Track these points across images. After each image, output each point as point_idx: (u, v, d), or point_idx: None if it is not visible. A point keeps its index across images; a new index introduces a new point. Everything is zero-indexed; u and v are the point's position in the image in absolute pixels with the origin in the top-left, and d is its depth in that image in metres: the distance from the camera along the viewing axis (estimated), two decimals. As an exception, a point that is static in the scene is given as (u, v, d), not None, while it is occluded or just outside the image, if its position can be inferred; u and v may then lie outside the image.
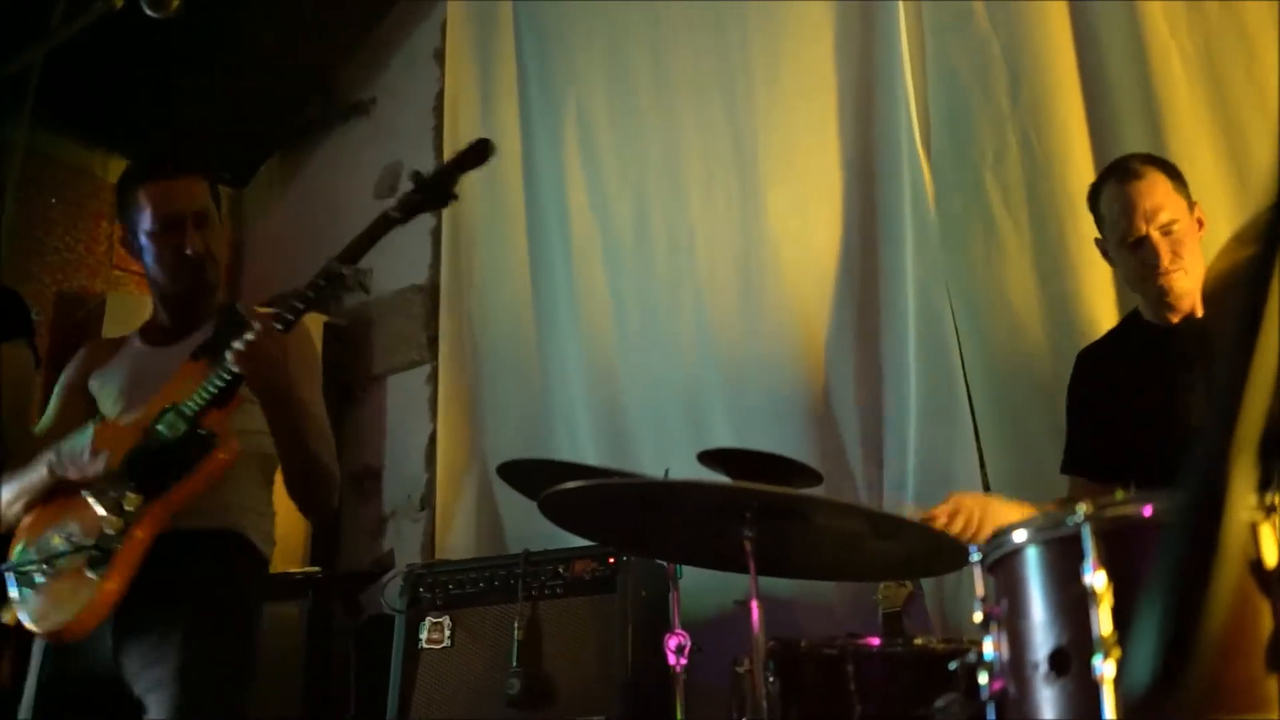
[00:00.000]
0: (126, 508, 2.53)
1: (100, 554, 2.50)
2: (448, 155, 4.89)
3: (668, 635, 2.60)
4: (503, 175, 4.74)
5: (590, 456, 4.17)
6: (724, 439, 3.80)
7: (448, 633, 3.58)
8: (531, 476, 2.89)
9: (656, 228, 4.37)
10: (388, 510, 4.81)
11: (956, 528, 2.58)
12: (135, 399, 2.74)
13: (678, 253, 4.31)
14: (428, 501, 4.67)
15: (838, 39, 4.11)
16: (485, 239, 4.80)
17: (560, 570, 3.51)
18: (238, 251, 5.52)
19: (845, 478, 3.82)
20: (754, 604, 2.27)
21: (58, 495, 2.67)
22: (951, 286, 3.71)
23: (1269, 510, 1.58)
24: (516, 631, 3.43)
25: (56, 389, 2.94)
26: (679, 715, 2.62)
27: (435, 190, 2.69)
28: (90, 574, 2.50)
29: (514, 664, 3.39)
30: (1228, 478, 0.63)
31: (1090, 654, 1.56)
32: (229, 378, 2.55)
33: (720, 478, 2.78)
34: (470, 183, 4.79)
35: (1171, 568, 0.63)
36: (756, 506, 2.20)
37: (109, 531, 2.52)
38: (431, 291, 4.90)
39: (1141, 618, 0.63)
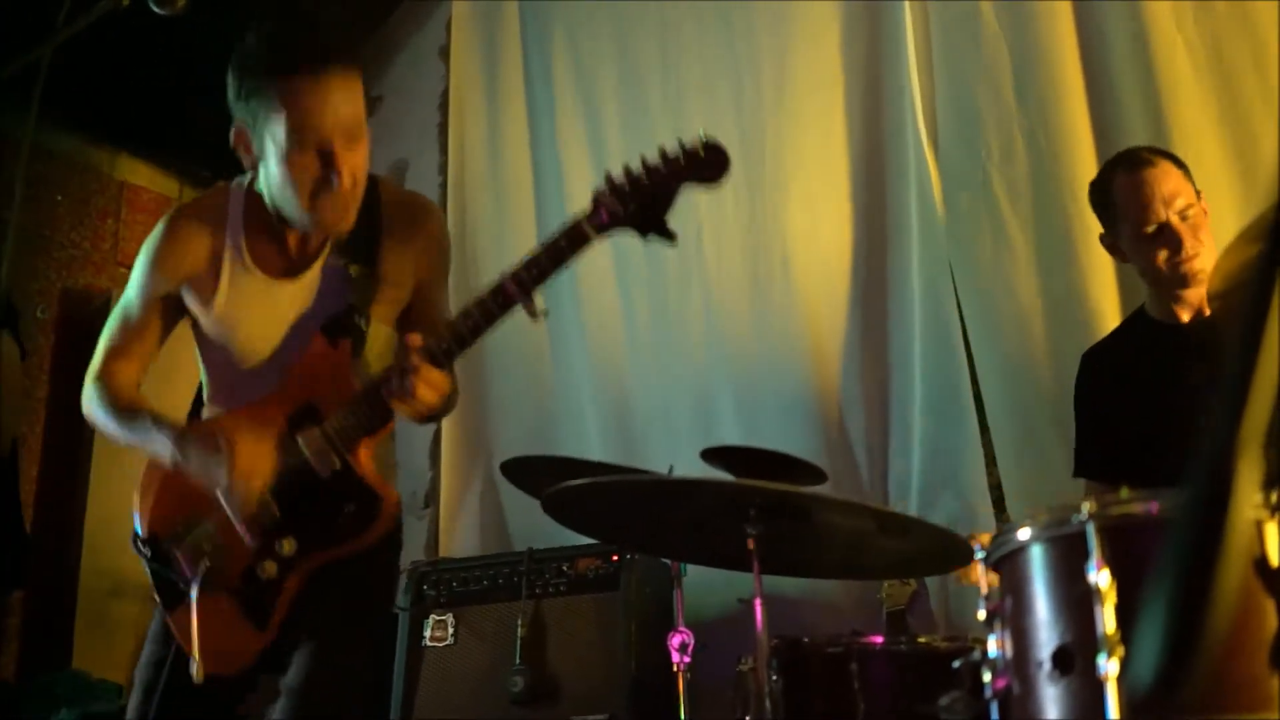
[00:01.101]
0: (282, 552, 2.25)
1: (257, 603, 2.25)
2: (451, 153, 4.95)
3: (671, 633, 2.60)
4: (509, 172, 4.75)
5: (597, 455, 4.17)
6: (732, 436, 3.80)
7: (451, 630, 3.58)
8: (535, 474, 2.89)
9: (664, 226, 4.36)
10: (392, 507, 4.81)
11: None
12: (250, 356, 2.33)
13: (686, 251, 4.31)
14: (432, 499, 4.68)
15: (844, 38, 4.12)
16: (491, 237, 4.80)
17: (564, 568, 3.51)
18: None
19: (851, 475, 3.82)
20: (758, 602, 2.27)
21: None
22: (960, 284, 3.71)
23: (1275, 508, 1.58)
24: (520, 629, 3.43)
25: (143, 277, 2.38)
26: (682, 713, 2.63)
27: (644, 208, 2.21)
28: (252, 625, 2.25)
29: (518, 662, 3.40)
30: (1233, 475, 0.63)
31: (1094, 652, 1.55)
32: (385, 417, 2.22)
33: (724, 475, 2.78)
34: (477, 179, 4.84)
35: (1176, 565, 0.63)
36: (760, 504, 2.20)
37: (262, 577, 2.25)
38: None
39: (1145, 616, 0.63)
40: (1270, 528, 1.57)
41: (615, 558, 3.46)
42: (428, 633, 3.60)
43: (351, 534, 2.26)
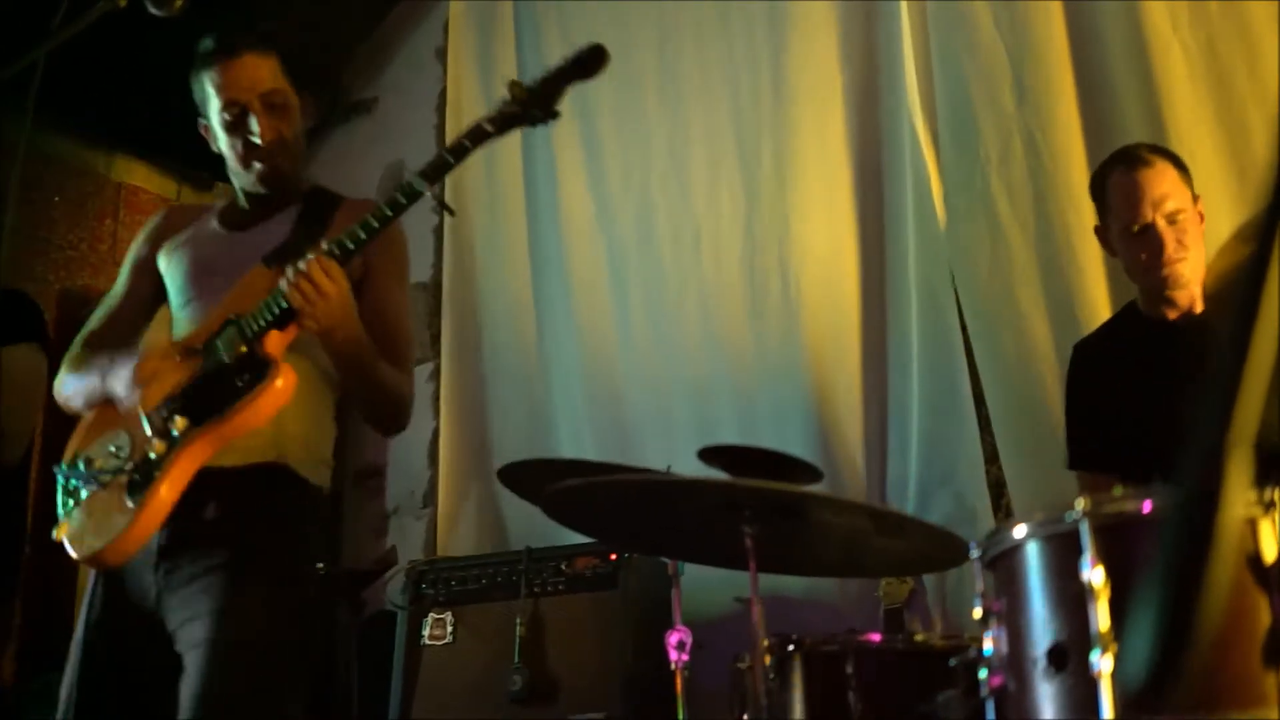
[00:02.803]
0: (173, 431, 2.32)
1: (139, 480, 2.31)
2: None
3: (669, 632, 2.61)
4: (505, 173, 4.75)
5: (594, 456, 4.17)
6: (729, 437, 3.80)
7: (450, 629, 3.59)
8: (532, 477, 2.89)
9: (661, 227, 4.37)
10: (391, 507, 4.82)
11: None
12: (199, 293, 2.53)
13: (682, 252, 4.32)
14: (430, 498, 4.68)
15: (841, 39, 4.12)
16: (488, 237, 4.81)
17: (562, 567, 3.52)
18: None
19: (848, 475, 3.83)
20: (754, 601, 2.27)
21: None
22: (960, 286, 3.72)
23: (1268, 506, 1.59)
24: (519, 628, 3.44)
25: (127, 260, 2.74)
26: (680, 712, 2.63)
27: (536, 103, 2.40)
28: (128, 501, 2.30)
29: (516, 660, 3.40)
30: (1223, 473, 0.63)
31: (1088, 649, 1.56)
32: (287, 304, 2.32)
33: (721, 475, 2.78)
34: (471, 181, 4.84)
35: (1167, 563, 0.64)
36: (756, 503, 2.20)
37: (151, 456, 2.32)
38: (434, 289, 4.91)
39: (1137, 613, 0.63)
40: (1264, 525, 1.58)
41: (613, 556, 3.46)
42: (426, 631, 3.60)
43: (240, 396, 2.33)
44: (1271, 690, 1.51)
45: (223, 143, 2.59)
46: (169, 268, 2.62)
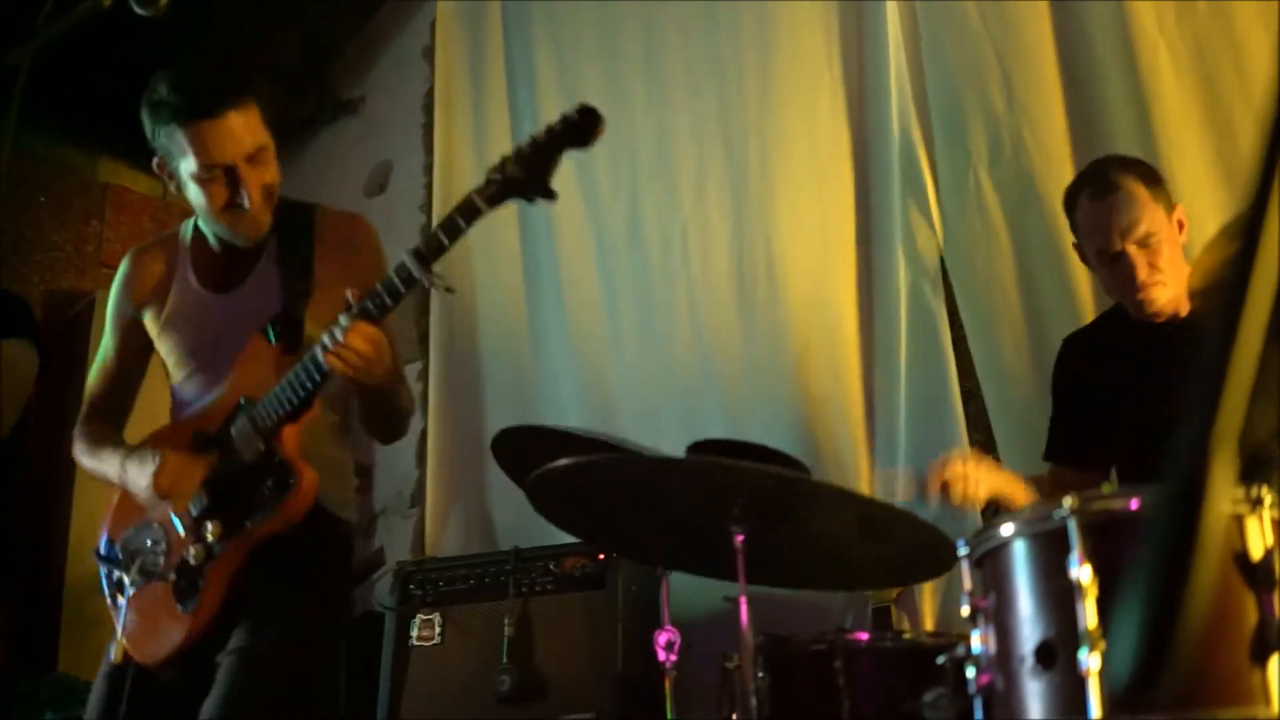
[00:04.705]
0: (208, 537, 2.43)
1: (186, 586, 2.43)
2: (438, 154, 4.96)
3: (658, 632, 2.60)
4: (493, 173, 4.74)
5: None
6: (718, 435, 3.79)
7: (438, 630, 3.58)
8: (524, 453, 2.83)
9: (649, 226, 4.37)
10: (378, 507, 4.81)
11: (955, 492, 2.63)
12: (201, 365, 2.60)
13: (670, 251, 4.32)
14: (418, 499, 4.67)
15: (829, 39, 4.12)
16: (476, 237, 4.78)
17: (551, 567, 3.51)
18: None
19: (836, 473, 3.83)
20: (742, 599, 2.27)
21: None
22: (956, 285, 3.73)
23: (1254, 503, 1.59)
24: (507, 628, 3.43)
25: (110, 316, 2.75)
26: (669, 711, 2.63)
27: (529, 176, 2.34)
28: (180, 608, 2.43)
29: (504, 660, 3.39)
30: (1207, 470, 0.64)
31: (1076, 647, 1.56)
32: (314, 383, 2.36)
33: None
34: (462, 182, 4.83)
35: (1152, 560, 0.64)
36: (746, 497, 2.20)
37: (192, 561, 2.44)
38: (422, 289, 4.89)
39: (1122, 611, 0.63)
40: (1250, 522, 1.58)
41: (601, 556, 3.46)
42: (414, 632, 3.60)
43: (268, 507, 2.42)
44: (1258, 687, 1.52)
45: (192, 193, 2.53)
46: (163, 334, 2.66)
